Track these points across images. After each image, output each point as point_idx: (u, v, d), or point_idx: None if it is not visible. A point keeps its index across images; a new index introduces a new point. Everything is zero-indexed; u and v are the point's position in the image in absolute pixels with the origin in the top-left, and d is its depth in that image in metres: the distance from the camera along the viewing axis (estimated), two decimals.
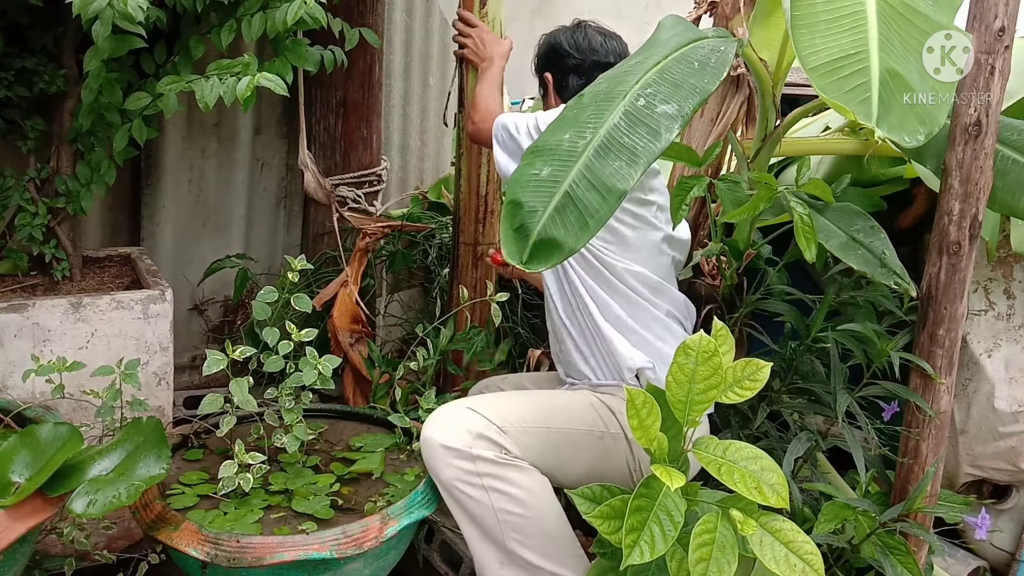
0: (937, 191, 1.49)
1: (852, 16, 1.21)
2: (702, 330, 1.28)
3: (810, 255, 1.42)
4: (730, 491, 1.26)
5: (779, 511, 1.23)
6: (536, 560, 1.48)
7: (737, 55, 1.53)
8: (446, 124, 2.77)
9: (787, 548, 1.21)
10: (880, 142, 1.38)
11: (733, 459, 1.24)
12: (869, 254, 1.50)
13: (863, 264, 1.49)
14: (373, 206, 2.61)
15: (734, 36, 1.50)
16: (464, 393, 2.18)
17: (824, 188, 1.54)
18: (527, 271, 1.17)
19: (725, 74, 1.26)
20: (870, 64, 1.17)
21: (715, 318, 1.35)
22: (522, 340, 2.32)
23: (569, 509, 2.02)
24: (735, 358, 1.30)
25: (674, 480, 1.18)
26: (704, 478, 1.32)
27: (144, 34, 1.65)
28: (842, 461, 1.64)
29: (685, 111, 1.20)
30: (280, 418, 1.71)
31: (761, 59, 1.61)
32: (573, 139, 1.20)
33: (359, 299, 2.35)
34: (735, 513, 1.21)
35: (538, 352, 2.38)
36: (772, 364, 1.31)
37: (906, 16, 1.23)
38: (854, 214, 1.58)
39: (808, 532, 1.28)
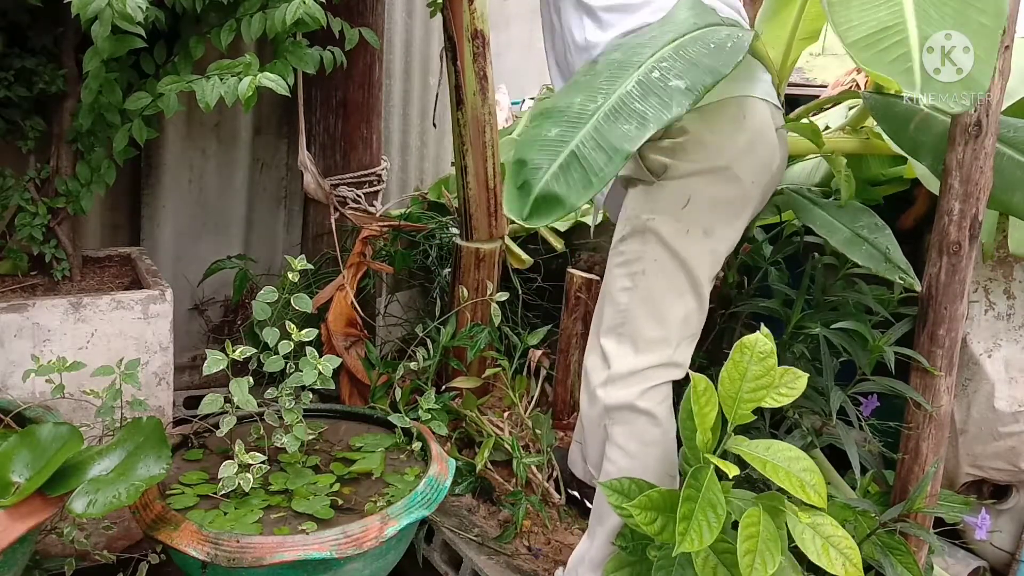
0: (935, 191, 1.49)
1: None
2: (759, 331, 1.31)
3: (848, 195, 1.55)
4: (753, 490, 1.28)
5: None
6: None
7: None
8: (435, 125, 2.77)
9: (827, 541, 1.25)
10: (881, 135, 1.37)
11: (776, 459, 1.27)
12: (874, 250, 1.51)
13: (868, 260, 1.50)
14: (373, 206, 2.61)
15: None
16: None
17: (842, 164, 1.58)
18: (526, 225, 1.19)
19: (741, 59, 1.26)
20: (908, 35, 1.16)
21: (763, 325, 1.36)
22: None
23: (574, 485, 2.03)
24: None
25: (730, 470, 1.22)
26: None
27: (144, 34, 1.65)
28: (843, 461, 1.64)
29: (698, 88, 1.21)
30: (280, 418, 1.71)
31: (768, 57, 1.61)
32: (584, 103, 1.22)
33: (355, 303, 2.34)
34: (790, 505, 1.26)
35: (539, 353, 2.38)
36: None
37: None
38: (859, 211, 1.58)
39: None
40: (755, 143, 1.51)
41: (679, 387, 1.55)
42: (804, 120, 1.72)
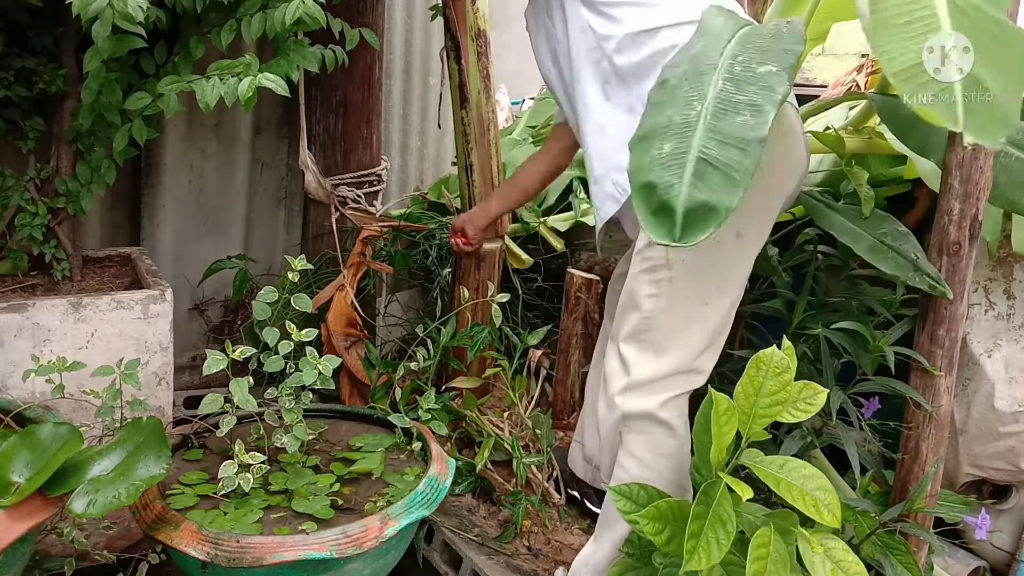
0: (937, 191, 1.49)
1: (925, 20, 1.18)
2: (774, 345, 1.29)
3: (869, 209, 1.56)
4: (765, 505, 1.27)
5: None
6: None
7: None
8: (439, 126, 2.76)
9: (837, 566, 1.24)
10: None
11: (791, 477, 1.25)
12: (900, 258, 1.50)
13: (894, 268, 1.48)
14: (373, 206, 2.61)
15: None
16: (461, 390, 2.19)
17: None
18: (683, 245, 1.13)
19: (803, 43, 1.24)
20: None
21: (784, 336, 1.35)
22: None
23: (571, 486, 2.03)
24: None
25: (744, 492, 1.20)
26: None
27: (144, 34, 1.65)
28: (843, 461, 1.65)
29: (786, 68, 1.18)
30: (280, 418, 1.71)
31: None
32: (682, 113, 1.17)
33: (355, 303, 2.34)
34: (802, 531, 1.24)
35: (539, 353, 2.38)
36: None
37: (973, 16, 1.18)
38: (880, 218, 1.57)
39: None
40: (786, 145, 1.51)
41: (694, 397, 1.55)
42: (818, 124, 1.72)
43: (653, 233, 1.13)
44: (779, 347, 1.29)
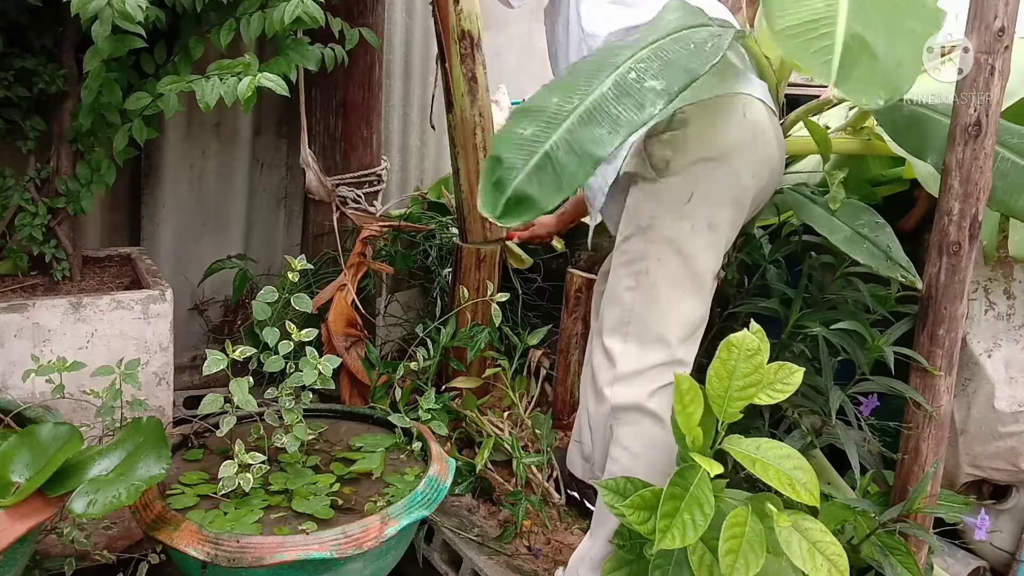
0: (934, 193, 1.49)
1: None
2: (745, 329, 1.30)
3: (836, 205, 1.57)
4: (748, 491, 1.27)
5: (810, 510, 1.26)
6: None
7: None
8: (433, 127, 2.77)
9: (814, 546, 1.23)
10: (871, 138, 1.36)
11: (766, 456, 1.26)
12: (875, 248, 1.52)
13: (869, 258, 1.50)
14: (373, 206, 2.61)
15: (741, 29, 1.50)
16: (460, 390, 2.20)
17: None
18: (499, 224, 1.20)
19: (718, 60, 1.27)
20: (836, 29, 1.19)
21: (752, 320, 1.36)
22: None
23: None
24: None
25: (712, 468, 1.21)
26: None
27: (144, 34, 1.65)
28: (843, 461, 1.65)
29: (672, 89, 1.22)
30: (280, 418, 1.71)
31: (765, 56, 1.61)
32: (560, 103, 1.22)
33: (357, 303, 2.34)
34: (770, 507, 1.24)
35: (539, 353, 2.38)
36: None
37: None
38: (859, 209, 1.59)
39: None
40: (754, 139, 1.54)
41: None
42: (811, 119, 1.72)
43: (481, 201, 1.18)
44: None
